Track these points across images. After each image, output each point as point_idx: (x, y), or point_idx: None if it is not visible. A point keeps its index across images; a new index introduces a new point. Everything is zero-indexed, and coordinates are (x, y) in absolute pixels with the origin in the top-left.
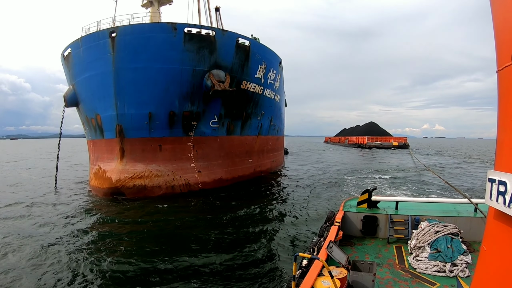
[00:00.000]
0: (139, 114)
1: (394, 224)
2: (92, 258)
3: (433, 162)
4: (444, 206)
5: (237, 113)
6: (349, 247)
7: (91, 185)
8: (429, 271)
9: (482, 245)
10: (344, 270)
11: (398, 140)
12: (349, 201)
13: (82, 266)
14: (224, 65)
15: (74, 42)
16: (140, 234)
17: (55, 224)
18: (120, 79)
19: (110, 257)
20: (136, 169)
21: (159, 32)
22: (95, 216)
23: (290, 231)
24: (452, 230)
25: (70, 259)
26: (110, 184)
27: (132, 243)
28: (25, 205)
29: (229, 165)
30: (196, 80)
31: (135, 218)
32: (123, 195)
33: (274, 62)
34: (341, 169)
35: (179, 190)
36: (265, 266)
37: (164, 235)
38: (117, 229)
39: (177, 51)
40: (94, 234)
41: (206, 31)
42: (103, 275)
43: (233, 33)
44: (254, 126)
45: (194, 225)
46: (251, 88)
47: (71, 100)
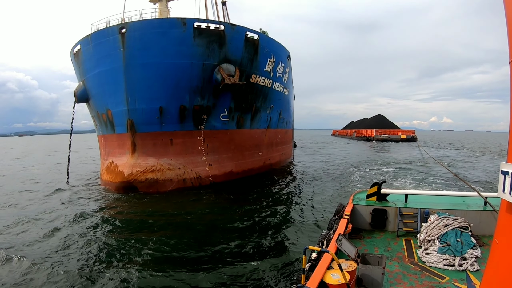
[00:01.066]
0: (150, 108)
1: (403, 217)
2: (108, 250)
3: (445, 154)
4: (454, 199)
5: (247, 107)
6: (358, 240)
7: (103, 179)
8: (439, 265)
9: (494, 238)
10: (353, 263)
11: (406, 133)
12: (358, 194)
13: (94, 259)
14: (234, 59)
15: (83, 39)
16: (154, 227)
17: (69, 217)
18: (130, 75)
19: (127, 251)
20: (147, 163)
21: (169, 28)
22: (108, 210)
23: (299, 224)
24: (461, 224)
25: (83, 253)
26: (122, 178)
27: (147, 236)
28: (39, 199)
29: (239, 158)
30: (206, 75)
31: (149, 211)
32: (135, 188)
33: (282, 55)
34: (349, 162)
35: (190, 183)
36: (275, 258)
37: (178, 227)
38: (131, 222)
39: (187, 46)
40: (108, 226)
41: (215, 25)
42: (118, 270)
43: (242, 27)
44: (263, 120)
45: (207, 218)
46: (260, 81)
47: (82, 96)
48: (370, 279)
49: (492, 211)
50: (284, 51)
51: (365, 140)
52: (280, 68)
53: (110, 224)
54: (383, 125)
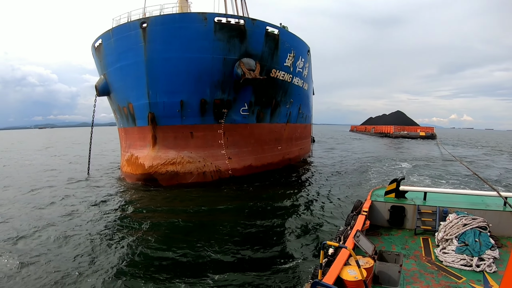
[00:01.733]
0: (171, 102)
1: (421, 215)
2: (127, 241)
3: (464, 153)
4: (473, 198)
5: (267, 101)
6: (376, 237)
7: (124, 171)
8: (456, 265)
9: None
10: (370, 260)
11: (425, 130)
12: (376, 191)
13: (113, 248)
14: (254, 53)
15: (105, 33)
16: (174, 219)
17: (90, 207)
18: (152, 69)
19: (144, 240)
20: (168, 156)
21: (190, 22)
22: (129, 201)
23: (317, 219)
24: (480, 224)
25: (102, 241)
26: (143, 170)
27: (167, 228)
28: (61, 190)
29: (259, 152)
30: (226, 69)
31: (169, 203)
32: (156, 181)
33: (302, 50)
34: (367, 158)
35: (210, 176)
36: (292, 253)
37: (199, 221)
38: (151, 214)
39: (208, 40)
40: (128, 217)
41: (236, 20)
42: (135, 260)
43: (262, 22)
44: (283, 114)
45: (227, 211)
46: (280, 76)
47: (103, 89)
48: (386, 277)
49: None
50: (304, 46)
51: (383, 136)
52: (300, 63)
53: (129, 215)
54: (402, 121)
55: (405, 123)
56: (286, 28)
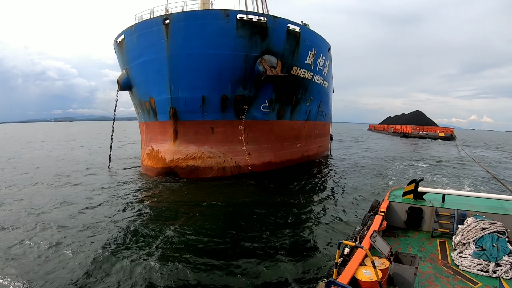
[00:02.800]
0: (192, 97)
1: (439, 217)
2: (148, 233)
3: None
4: (492, 202)
5: (287, 98)
6: (392, 238)
7: (144, 165)
8: (472, 269)
9: None
10: (386, 261)
11: (445, 130)
12: (394, 191)
13: (134, 240)
14: (276, 51)
15: (127, 29)
16: (195, 213)
17: (113, 199)
18: (174, 64)
19: (166, 233)
20: (189, 150)
21: (212, 19)
22: (149, 193)
23: (333, 217)
24: (499, 228)
25: (123, 233)
26: (164, 164)
27: (188, 222)
28: (85, 183)
29: (278, 148)
30: (248, 66)
31: (190, 197)
32: (176, 175)
33: (323, 48)
34: (385, 157)
35: (229, 171)
36: (308, 251)
37: (219, 215)
38: (173, 208)
39: (230, 37)
40: (148, 209)
41: (258, 17)
42: (156, 255)
43: (284, 20)
44: (303, 111)
45: (246, 207)
46: (301, 73)
47: (125, 84)
48: (401, 279)
49: None
50: (325, 44)
51: (402, 136)
52: (321, 61)
53: (149, 207)
54: (421, 121)
55: (424, 123)
56: (307, 26)
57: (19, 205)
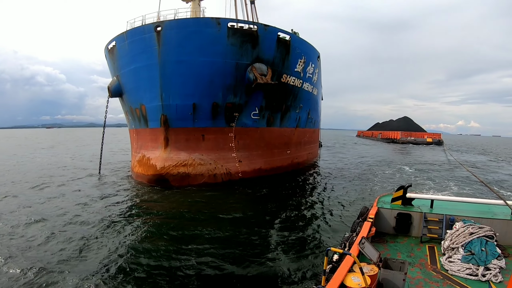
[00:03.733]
0: (183, 105)
1: (428, 223)
2: (140, 241)
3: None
4: (480, 206)
5: (277, 106)
6: (381, 244)
7: (135, 172)
8: (461, 274)
9: None
10: (375, 267)
11: (432, 136)
12: (383, 197)
13: (124, 247)
14: (266, 58)
15: (119, 36)
16: (185, 221)
17: (103, 206)
18: (165, 72)
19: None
20: (180, 158)
21: (204, 27)
22: (140, 201)
23: (322, 225)
24: (487, 233)
25: (114, 241)
26: (155, 171)
27: (177, 229)
28: (74, 190)
29: (268, 155)
30: (239, 73)
31: (181, 204)
32: (167, 182)
33: (312, 56)
34: (373, 163)
35: (220, 178)
36: (296, 258)
37: (208, 222)
38: (164, 215)
39: (221, 45)
40: (141, 218)
41: (249, 26)
42: (144, 261)
43: (274, 28)
44: (292, 119)
45: (237, 213)
46: (291, 81)
47: (116, 91)
48: (391, 285)
49: None
50: (314, 52)
51: (390, 142)
52: (310, 69)
53: (140, 214)
54: (409, 127)
55: (412, 129)
56: (297, 34)
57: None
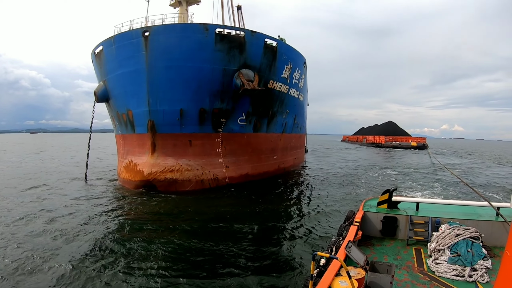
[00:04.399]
0: (171, 110)
1: (414, 225)
2: (122, 248)
3: (452, 162)
4: (465, 208)
5: (264, 111)
6: (368, 247)
7: (122, 178)
8: (448, 275)
9: (505, 250)
10: (362, 270)
11: (417, 140)
12: (369, 201)
13: (114, 253)
14: (253, 65)
15: (106, 40)
16: (172, 227)
17: (89, 212)
18: (153, 77)
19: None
20: (167, 163)
21: (192, 33)
22: (127, 207)
23: (309, 229)
24: (473, 234)
25: (95, 249)
26: (142, 177)
27: (164, 236)
28: (59, 196)
29: (255, 161)
30: (226, 79)
31: (168, 210)
32: (155, 187)
33: (299, 62)
34: (359, 167)
35: (208, 184)
36: (284, 263)
37: (197, 228)
38: (151, 221)
39: (209, 51)
40: (127, 224)
41: (236, 32)
42: (135, 270)
43: (261, 34)
44: (279, 124)
45: (223, 219)
46: (277, 87)
47: (102, 95)
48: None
49: (504, 221)
50: (300, 58)
51: (375, 146)
52: (297, 75)
53: (126, 220)
54: (393, 131)
55: (396, 133)
56: (284, 40)
57: None
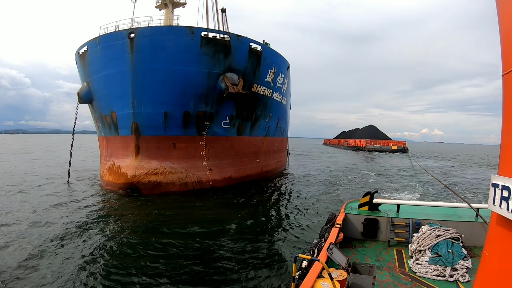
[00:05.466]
0: (155, 113)
1: (395, 227)
2: (106, 251)
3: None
4: (445, 210)
5: (248, 115)
6: (350, 249)
7: (105, 180)
8: (429, 275)
9: (484, 250)
10: (344, 272)
11: (398, 144)
12: (350, 203)
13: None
14: (238, 68)
15: (91, 41)
16: (155, 230)
17: (72, 215)
18: (138, 79)
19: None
20: (151, 166)
21: (178, 35)
22: (111, 210)
23: (291, 232)
24: (453, 235)
25: (79, 253)
26: (125, 180)
27: (146, 239)
28: (40, 199)
29: (238, 164)
30: (211, 82)
31: (152, 213)
32: (138, 190)
33: (283, 66)
34: (340, 170)
35: (191, 187)
36: (265, 266)
37: (178, 231)
38: (135, 223)
39: (194, 54)
40: (112, 227)
41: (222, 35)
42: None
43: (246, 38)
44: (262, 128)
45: (206, 221)
46: (261, 91)
47: (86, 97)
48: None
49: (483, 222)
50: (284, 63)
51: (356, 150)
52: (280, 79)
53: (113, 224)
54: (375, 135)
55: (377, 137)
56: (268, 45)
57: None
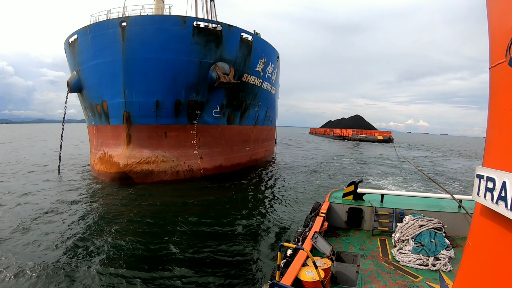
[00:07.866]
0: (146, 102)
1: (379, 216)
2: (107, 237)
3: (416, 155)
4: (429, 200)
5: (238, 104)
6: (334, 238)
7: (97, 170)
8: (412, 264)
9: (467, 240)
10: (328, 260)
11: (383, 134)
12: (335, 193)
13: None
14: (229, 58)
15: (82, 29)
16: (148, 218)
17: (66, 207)
18: (129, 68)
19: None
20: (142, 155)
21: (170, 25)
22: (105, 200)
23: (277, 219)
24: (436, 225)
25: (74, 244)
26: (118, 169)
27: (137, 228)
28: (31, 188)
29: (228, 152)
30: (202, 72)
31: (145, 201)
32: (131, 179)
33: (272, 56)
34: (326, 159)
35: (183, 175)
36: (251, 254)
37: (172, 218)
38: (128, 212)
39: (186, 43)
40: (107, 216)
41: (214, 25)
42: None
43: (238, 28)
44: (252, 117)
45: (196, 210)
46: (251, 80)
47: (75, 86)
48: (344, 277)
49: (465, 213)
50: (274, 53)
51: (342, 139)
52: (270, 69)
53: (108, 213)
54: (360, 125)
55: (363, 127)
56: (259, 35)
57: None
